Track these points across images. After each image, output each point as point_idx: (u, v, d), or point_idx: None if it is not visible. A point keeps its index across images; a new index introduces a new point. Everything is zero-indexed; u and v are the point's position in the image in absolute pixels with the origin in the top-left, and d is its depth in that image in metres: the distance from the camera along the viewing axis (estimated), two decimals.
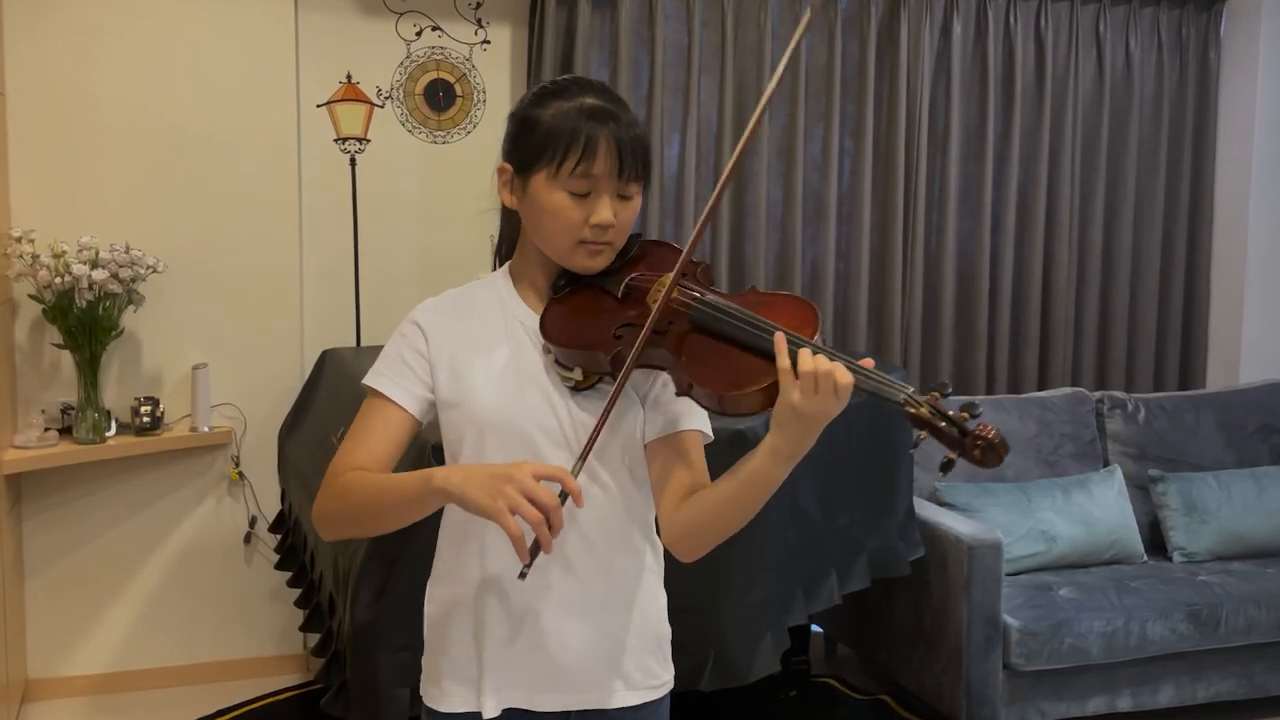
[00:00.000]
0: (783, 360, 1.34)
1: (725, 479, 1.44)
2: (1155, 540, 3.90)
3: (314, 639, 3.01)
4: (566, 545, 1.49)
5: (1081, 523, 3.68)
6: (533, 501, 1.30)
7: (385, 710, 2.36)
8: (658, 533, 1.61)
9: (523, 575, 1.35)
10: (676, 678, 1.67)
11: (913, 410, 1.32)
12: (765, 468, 1.38)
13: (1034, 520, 3.63)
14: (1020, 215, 4.44)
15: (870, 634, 3.71)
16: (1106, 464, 4.04)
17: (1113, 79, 4.52)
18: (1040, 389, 4.43)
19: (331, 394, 3.45)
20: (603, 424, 1.43)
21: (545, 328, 1.51)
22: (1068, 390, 4.17)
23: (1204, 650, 3.44)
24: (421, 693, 1.63)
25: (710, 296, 1.46)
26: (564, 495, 1.33)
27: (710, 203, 1.49)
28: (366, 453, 1.50)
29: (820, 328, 1.41)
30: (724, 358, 1.41)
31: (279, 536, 3.68)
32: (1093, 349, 4.58)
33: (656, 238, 1.60)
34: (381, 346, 1.61)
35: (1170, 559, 3.81)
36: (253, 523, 3.87)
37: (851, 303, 4.27)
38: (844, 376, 1.31)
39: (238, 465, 3.82)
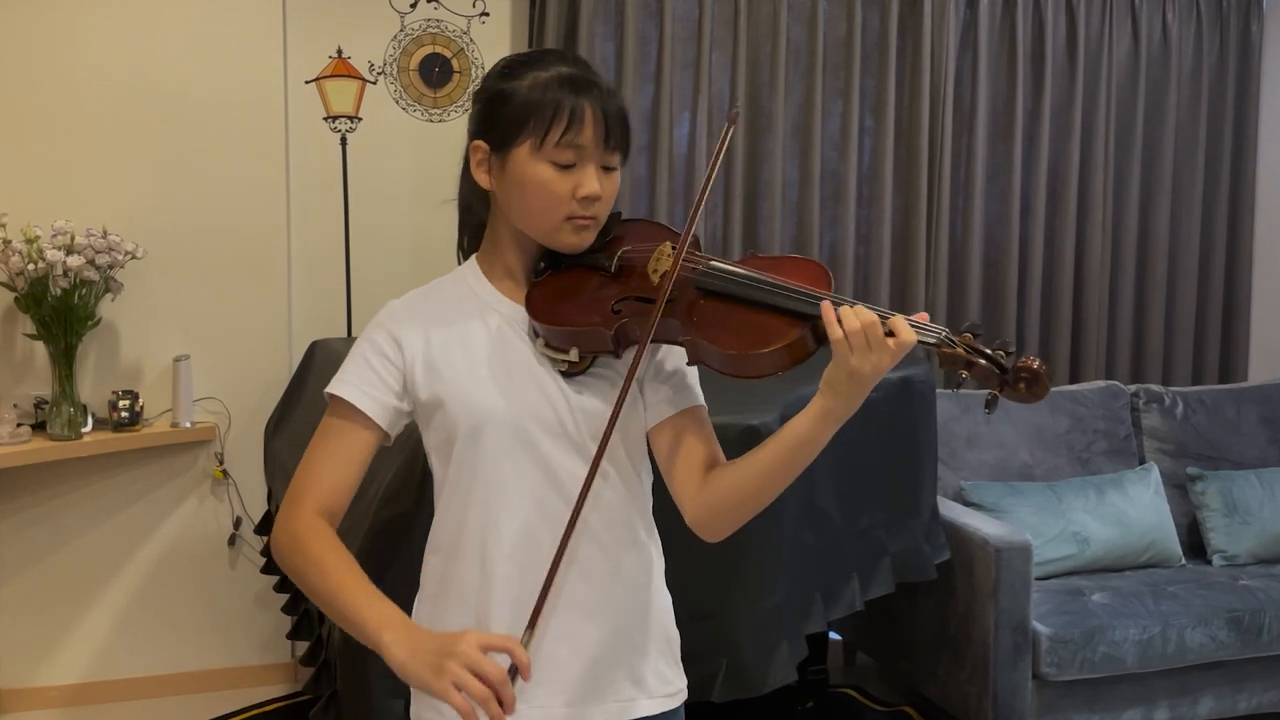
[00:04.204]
0: (834, 331, 1.35)
1: (764, 447, 1.44)
2: (1194, 542, 3.89)
3: (302, 647, 3.00)
4: (578, 548, 1.49)
5: (1115, 524, 3.66)
6: (480, 676, 1.28)
7: None
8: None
9: None
10: (688, 688, 1.67)
11: (949, 350, 1.36)
12: (814, 430, 1.39)
13: (1065, 521, 3.62)
14: (1051, 198, 4.42)
15: (891, 641, 3.69)
16: (1142, 461, 4.03)
17: (1149, 54, 4.49)
18: (1072, 382, 4.42)
19: (321, 388, 3.42)
20: (619, 409, 1.43)
21: (534, 309, 1.50)
22: (1101, 383, 4.16)
23: (1245, 659, 3.43)
24: (413, 716, 1.59)
25: (715, 262, 1.48)
26: (514, 670, 1.32)
27: (706, 178, 1.50)
28: (331, 476, 1.50)
29: (833, 285, 1.44)
30: (740, 320, 1.43)
31: (265, 538, 3.67)
32: (1128, 340, 4.56)
33: (642, 218, 1.62)
34: None
35: (1210, 562, 3.80)
36: (237, 524, 3.86)
37: (872, 289, 4.25)
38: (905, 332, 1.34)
39: (221, 463, 3.82)
